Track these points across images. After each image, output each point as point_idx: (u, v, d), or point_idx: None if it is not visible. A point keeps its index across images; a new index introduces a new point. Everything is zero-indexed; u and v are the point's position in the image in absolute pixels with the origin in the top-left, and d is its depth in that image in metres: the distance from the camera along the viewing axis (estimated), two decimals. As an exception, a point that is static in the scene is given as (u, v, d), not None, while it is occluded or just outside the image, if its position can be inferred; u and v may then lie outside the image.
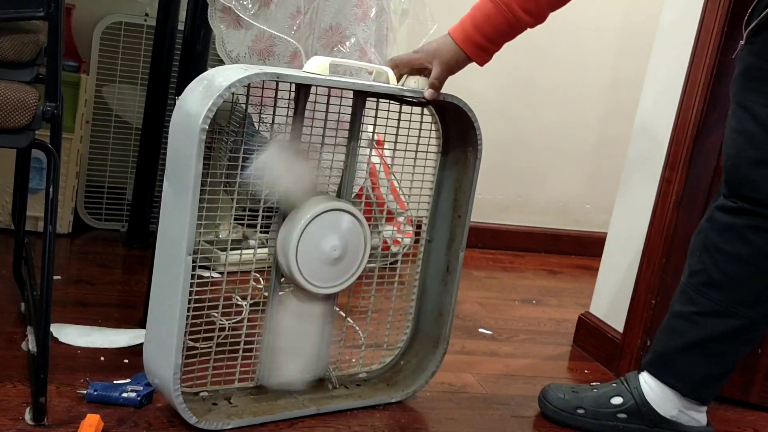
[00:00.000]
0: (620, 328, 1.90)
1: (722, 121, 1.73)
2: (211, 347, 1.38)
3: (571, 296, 2.47)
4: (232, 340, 1.41)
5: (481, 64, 1.45)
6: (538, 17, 1.42)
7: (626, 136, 2.04)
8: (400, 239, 2.40)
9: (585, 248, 2.96)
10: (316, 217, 1.36)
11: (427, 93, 1.41)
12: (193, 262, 1.26)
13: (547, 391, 1.61)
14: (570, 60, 2.85)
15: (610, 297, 1.98)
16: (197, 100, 1.23)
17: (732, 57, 1.71)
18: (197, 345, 1.38)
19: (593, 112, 2.94)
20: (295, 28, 1.66)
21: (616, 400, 1.55)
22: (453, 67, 1.43)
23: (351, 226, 1.40)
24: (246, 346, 1.42)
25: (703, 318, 1.48)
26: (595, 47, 2.87)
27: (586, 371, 1.89)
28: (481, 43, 1.41)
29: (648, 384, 1.54)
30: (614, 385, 1.58)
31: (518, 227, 2.93)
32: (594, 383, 1.63)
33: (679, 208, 1.78)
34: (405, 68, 1.43)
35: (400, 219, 2.39)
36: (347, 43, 1.76)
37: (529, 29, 1.44)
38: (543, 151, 2.92)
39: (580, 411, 1.56)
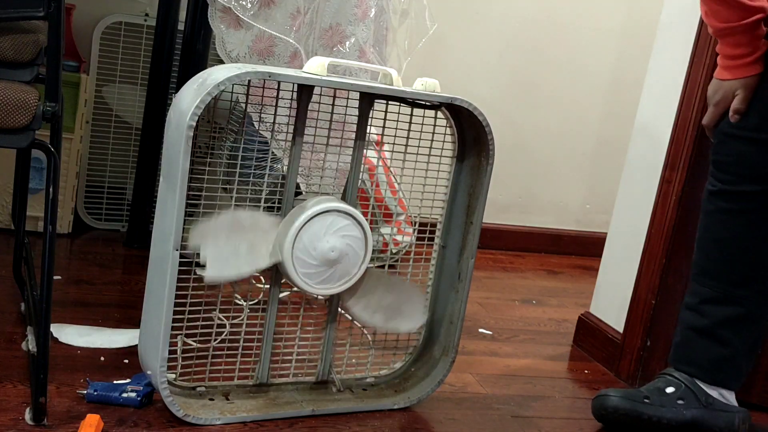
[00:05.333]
0: (620, 328, 1.90)
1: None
2: (209, 343, 1.38)
3: (571, 296, 2.47)
4: (232, 337, 1.41)
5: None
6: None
7: (626, 136, 2.04)
8: (399, 240, 2.40)
9: (585, 248, 2.96)
10: (313, 217, 1.35)
11: (734, 119, 1.47)
12: (185, 257, 1.27)
13: (606, 392, 1.59)
14: (570, 60, 2.85)
15: (610, 297, 1.98)
16: (189, 98, 1.25)
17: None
18: (189, 341, 1.38)
19: (593, 112, 2.94)
20: (295, 28, 1.66)
21: (670, 389, 1.57)
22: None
23: (351, 227, 1.39)
24: (245, 344, 1.42)
25: (704, 306, 1.55)
26: (596, 47, 2.87)
27: (586, 371, 1.89)
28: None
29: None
30: (659, 379, 1.60)
31: (518, 227, 2.93)
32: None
33: (679, 208, 1.78)
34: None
35: (401, 219, 2.39)
36: (347, 43, 1.76)
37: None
38: (543, 151, 2.92)
39: (647, 400, 1.56)
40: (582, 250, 2.97)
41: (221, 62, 1.61)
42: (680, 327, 1.60)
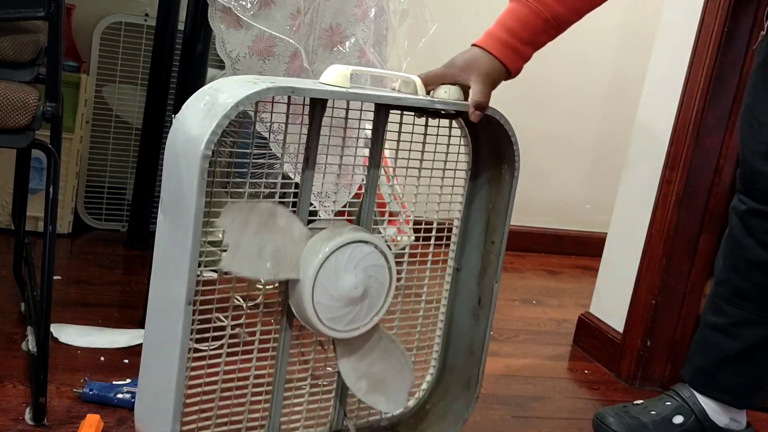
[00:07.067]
0: (620, 328, 1.90)
1: (722, 121, 1.74)
2: (215, 393, 1.17)
3: (571, 296, 2.47)
4: (240, 383, 1.19)
5: (515, 74, 1.26)
6: (568, 6, 1.26)
7: (626, 135, 2.04)
8: (398, 240, 2.40)
9: (585, 248, 2.96)
10: (334, 251, 1.15)
11: (474, 116, 1.20)
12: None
13: (606, 417, 1.55)
14: (570, 60, 2.85)
15: (610, 297, 1.98)
16: (198, 120, 1.02)
17: (731, 57, 1.71)
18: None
19: (593, 111, 2.94)
20: (295, 28, 1.66)
21: (678, 419, 1.52)
22: (495, 79, 1.23)
23: (372, 256, 1.20)
24: (254, 390, 1.20)
25: (738, 328, 1.47)
26: (596, 47, 2.87)
27: (586, 371, 1.89)
28: (516, 47, 1.23)
29: (700, 398, 1.53)
30: (668, 403, 1.55)
31: (518, 227, 2.93)
32: (640, 401, 1.60)
33: (679, 208, 1.78)
34: (434, 85, 1.24)
35: (400, 219, 2.39)
36: (347, 43, 1.76)
37: (565, 28, 1.28)
38: (543, 150, 2.92)
39: None
40: (582, 250, 2.97)
41: (221, 62, 1.61)
42: (704, 348, 1.53)
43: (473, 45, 1.25)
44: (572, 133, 2.93)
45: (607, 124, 2.95)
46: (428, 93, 1.23)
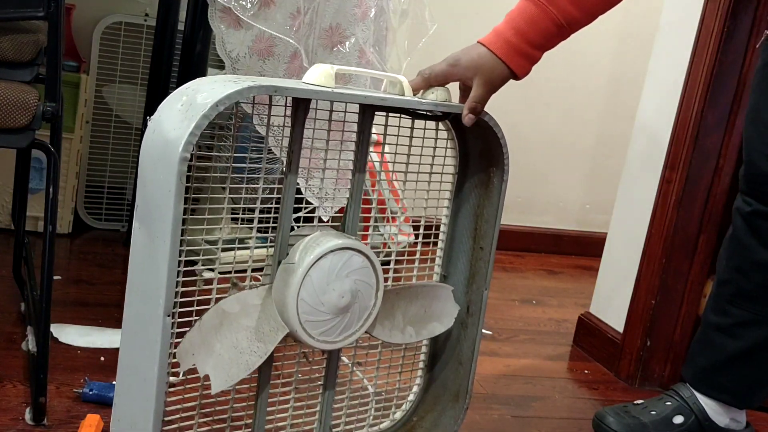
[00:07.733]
0: (620, 328, 1.90)
1: (722, 121, 1.74)
2: (195, 409, 1.11)
3: (571, 296, 2.47)
4: (221, 398, 1.12)
5: (520, 78, 1.22)
6: (585, 9, 1.23)
7: (626, 136, 2.04)
8: (397, 238, 2.40)
9: (585, 248, 2.96)
10: (319, 259, 1.10)
11: (467, 119, 1.16)
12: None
13: (606, 417, 1.55)
14: (570, 59, 2.85)
15: (610, 297, 1.98)
16: (175, 121, 0.97)
17: (731, 57, 1.71)
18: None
19: (593, 111, 2.94)
20: (295, 28, 1.66)
21: (678, 419, 1.52)
22: (497, 85, 1.19)
23: (353, 261, 1.15)
24: (236, 405, 1.14)
25: (740, 329, 1.47)
26: (595, 47, 2.87)
27: (586, 371, 1.89)
28: (526, 52, 1.19)
29: (701, 398, 1.53)
30: (668, 403, 1.55)
31: (518, 227, 2.93)
32: (640, 401, 1.59)
33: (679, 208, 1.78)
34: (437, 83, 1.19)
35: (399, 218, 2.39)
36: (347, 43, 1.76)
37: (574, 32, 1.25)
38: (543, 151, 2.92)
39: None
40: (582, 250, 2.98)
41: (221, 62, 1.61)
42: (705, 348, 1.53)
43: (479, 43, 1.21)
44: (572, 134, 2.93)
45: (607, 124, 2.95)
46: (426, 88, 1.20)
